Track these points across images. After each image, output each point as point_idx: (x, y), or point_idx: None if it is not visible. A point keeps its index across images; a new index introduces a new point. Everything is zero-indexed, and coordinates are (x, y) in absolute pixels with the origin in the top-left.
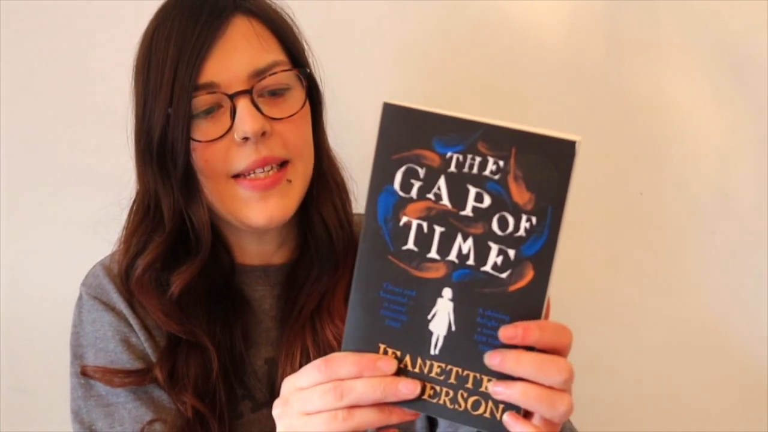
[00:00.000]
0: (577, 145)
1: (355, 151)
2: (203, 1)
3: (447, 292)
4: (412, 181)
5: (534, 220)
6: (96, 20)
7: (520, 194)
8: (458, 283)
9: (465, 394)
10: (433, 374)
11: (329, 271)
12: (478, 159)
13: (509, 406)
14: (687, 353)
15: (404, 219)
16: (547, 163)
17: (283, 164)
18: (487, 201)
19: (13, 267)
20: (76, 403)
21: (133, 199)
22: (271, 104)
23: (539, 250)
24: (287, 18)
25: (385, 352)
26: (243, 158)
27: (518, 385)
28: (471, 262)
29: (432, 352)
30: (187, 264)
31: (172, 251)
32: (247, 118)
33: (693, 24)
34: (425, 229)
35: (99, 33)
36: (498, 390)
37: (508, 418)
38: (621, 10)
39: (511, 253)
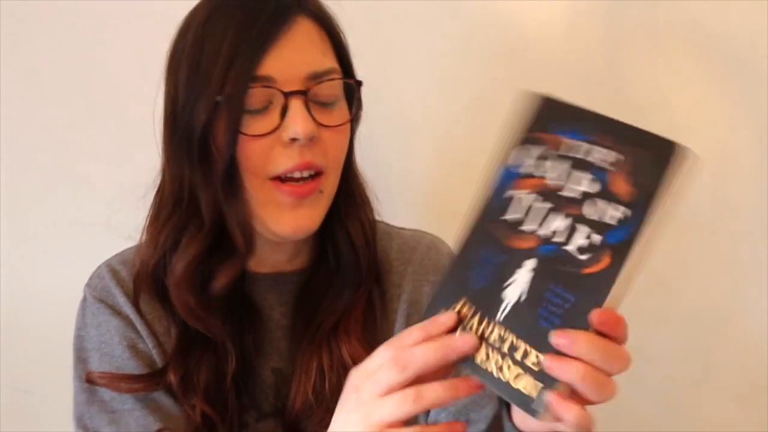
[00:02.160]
0: (692, 154)
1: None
2: None
3: (530, 263)
4: (526, 159)
5: (625, 212)
6: (97, 20)
7: (620, 186)
8: (542, 256)
9: (511, 365)
10: (491, 339)
11: (351, 290)
12: (590, 147)
13: (547, 386)
14: (687, 353)
15: (511, 192)
16: (656, 164)
17: (317, 174)
18: (587, 186)
19: (13, 267)
20: (79, 408)
21: (156, 193)
22: (322, 111)
23: (621, 242)
24: (341, 26)
25: (463, 306)
26: (286, 160)
27: (577, 366)
28: (558, 239)
29: (498, 317)
30: (231, 261)
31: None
32: (300, 120)
33: (693, 24)
34: (527, 203)
35: (100, 33)
36: (553, 365)
37: (552, 398)
38: (621, 10)
39: (596, 238)
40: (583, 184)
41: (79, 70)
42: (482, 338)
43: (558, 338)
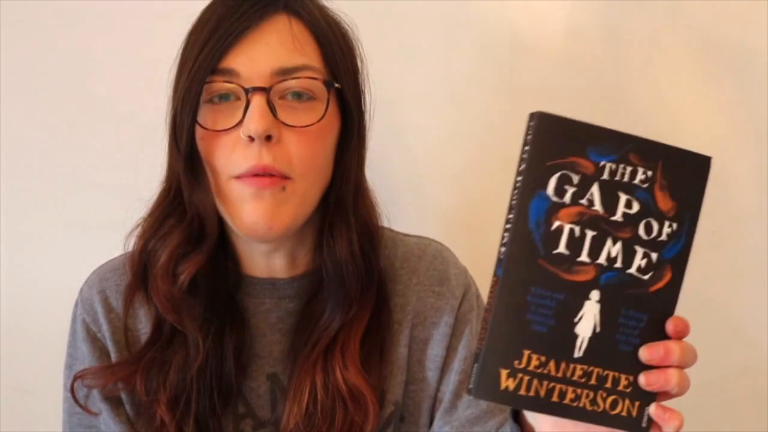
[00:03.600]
0: (711, 161)
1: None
2: None
3: (595, 295)
4: (566, 187)
5: (675, 226)
6: (97, 20)
7: (664, 202)
8: (606, 284)
9: (604, 395)
10: (575, 377)
11: (342, 309)
12: (629, 169)
13: (645, 403)
14: None
15: (556, 224)
16: (689, 176)
17: (282, 179)
18: (635, 207)
19: (13, 267)
20: (63, 416)
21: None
22: (290, 109)
23: (677, 254)
24: (345, 32)
25: (529, 358)
26: (244, 159)
27: (672, 373)
28: (618, 264)
29: (576, 355)
30: (195, 253)
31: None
32: (255, 116)
33: (692, 24)
34: (577, 233)
35: (100, 33)
36: (653, 380)
37: (657, 410)
38: (620, 10)
39: (654, 256)
40: (631, 206)
41: (80, 71)
42: (564, 380)
43: (652, 353)
